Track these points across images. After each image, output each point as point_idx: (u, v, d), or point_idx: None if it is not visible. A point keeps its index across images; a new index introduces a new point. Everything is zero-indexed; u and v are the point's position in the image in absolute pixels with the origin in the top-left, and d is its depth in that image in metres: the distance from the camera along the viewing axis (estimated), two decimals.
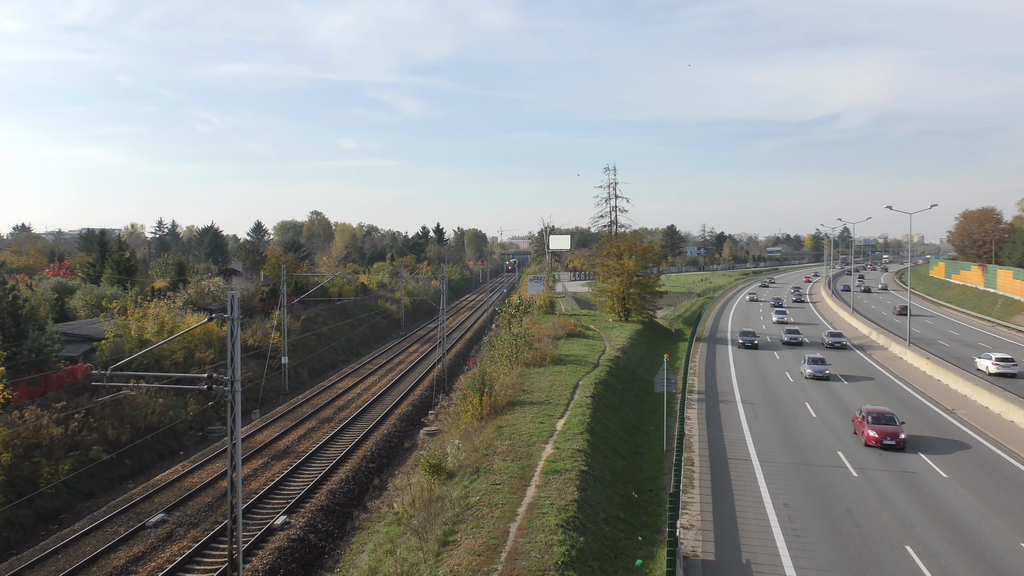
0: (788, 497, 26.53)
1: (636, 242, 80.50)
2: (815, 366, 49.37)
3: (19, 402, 35.46)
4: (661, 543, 22.10)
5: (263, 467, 35.89)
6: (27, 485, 30.85)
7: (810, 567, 20.86)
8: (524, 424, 32.79)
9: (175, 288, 67.46)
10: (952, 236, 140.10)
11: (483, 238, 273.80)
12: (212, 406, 45.33)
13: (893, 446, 32.33)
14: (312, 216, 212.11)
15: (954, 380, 45.81)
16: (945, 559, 21.47)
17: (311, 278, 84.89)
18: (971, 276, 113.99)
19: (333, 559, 26.94)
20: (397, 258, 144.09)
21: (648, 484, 28.99)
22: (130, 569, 24.83)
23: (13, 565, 25.33)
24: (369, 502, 32.36)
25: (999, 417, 38.19)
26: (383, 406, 48.81)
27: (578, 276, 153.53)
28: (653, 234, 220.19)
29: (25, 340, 40.17)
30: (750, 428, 36.48)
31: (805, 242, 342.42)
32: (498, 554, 19.65)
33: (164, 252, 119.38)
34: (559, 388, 40.14)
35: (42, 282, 69.85)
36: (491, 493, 24.30)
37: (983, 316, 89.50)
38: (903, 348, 59.06)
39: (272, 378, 55.77)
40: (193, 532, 27.89)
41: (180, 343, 49.47)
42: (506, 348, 50.07)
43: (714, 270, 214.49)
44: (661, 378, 34.49)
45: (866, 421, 33.66)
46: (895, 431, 32.76)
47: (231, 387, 20.69)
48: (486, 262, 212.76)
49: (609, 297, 74.77)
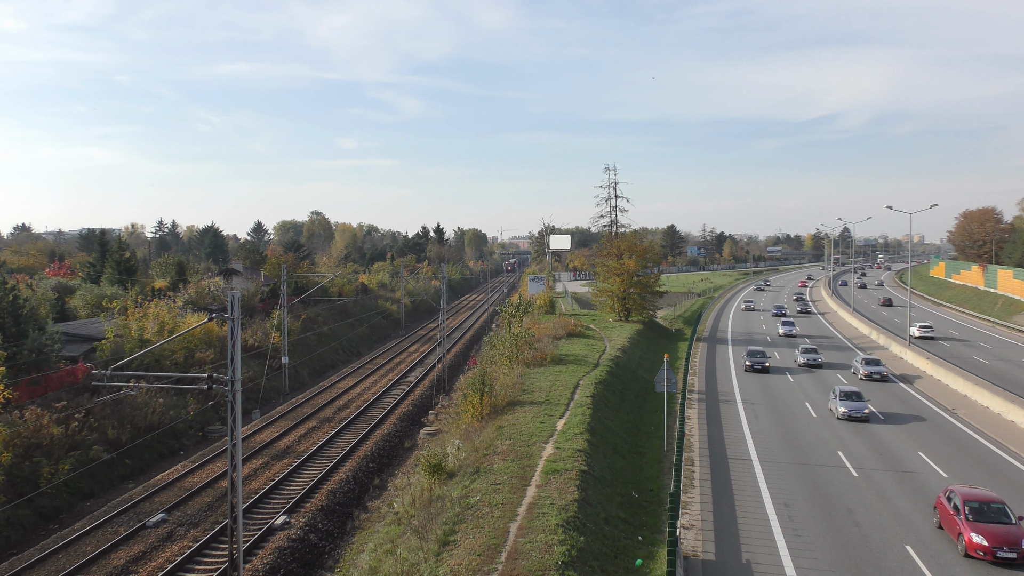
0: (788, 497, 26.54)
1: (636, 242, 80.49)
2: (850, 403, 38.24)
3: (19, 402, 35.47)
4: (661, 543, 22.10)
5: (263, 467, 35.89)
6: (27, 485, 30.86)
7: (810, 567, 20.87)
8: (524, 424, 32.79)
9: (175, 288, 67.44)
10: (952, 236, 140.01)
11: (483, 238, 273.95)
12: (212, 406, 45.33)
13: (1015, 560, 21.02)
14: (312, 216, 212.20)
15: (954, 380, 45.81)
16: (945, 559, 21.48)
17: (311, 278, 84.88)
18: (971, 276, 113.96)
19: (333, 559, 26.94)
20: (397, 258, 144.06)
21: (648, 484, 29.00)
22: (130, 569, 24.84)
23: (13, 565, 25.34)
24: (369, 502, 32.37)
25: (999, 417, 38.21)
26: (383, 406, 48.81)
27: (578, 276, 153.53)
28: (653, 234, 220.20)
29: (25, 340, 40.17)
30: (750, 428, 36.47)
31: (805, 242, 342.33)
32: (498, 554, 19.65)
33: (164, 252, 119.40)
34: (559, 388, 40.15)
35: (42, 282, 69.82)
36: (491, 493, 24.30)
37: (983, 316, 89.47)
38: (903, 348, 59.07)
39: (272, 378, 55.77)
40: (193, 532, 27.90)
41: (180, 343, 49.49)
42: (506, 348, 50.08)
43: (714, 270, 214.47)
44: (661, 378, 34.50)
45: (963, 515, 22.21)
46: (1017, 536, 21.33)
47: (231, 387, 20.69)
48: (486, 262, 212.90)
49: (609, 297, 74.78)
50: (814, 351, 56.69)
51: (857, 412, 37.76)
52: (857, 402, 38.48)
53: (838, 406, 38.46)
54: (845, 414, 37.80)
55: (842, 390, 39.70)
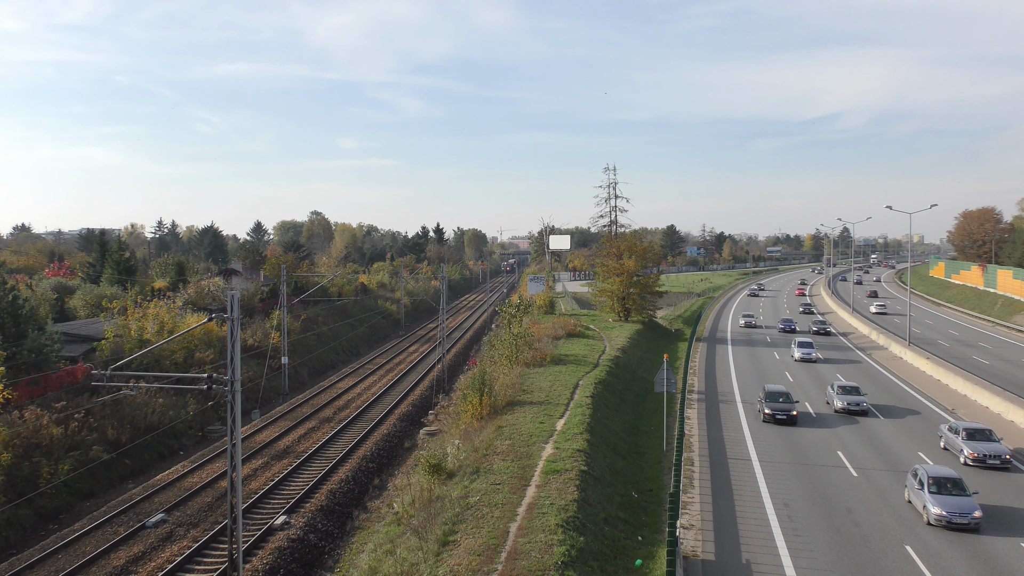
0: (788, 497, 26.55)
1: (636, 242, 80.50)
2: (944, 502, 23.81)
3: (19, 402, 35.47)
4: (661, 543, 22.10)
5: (263, 467, 35.90)
6: (27, 485, 30.85)
7: (810, 567, 20.87)
8: (524, 424, 32.80)
9: (175, 288, 67.45)
10: (952, 236, 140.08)
11: (483, 238, 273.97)
12: (212, 406, 45.31)
13: None
14: (312, 216, 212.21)
15: (954, 380, 45.85)
16: (945, 558, 21.48)
17: (311, 278, 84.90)
18: (971, 276, 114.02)
19: (333, 559, 26.94)
20: (397, 258, 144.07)
21: (648, 484, 29.02)
22: (130, 569, 24.84)
23: (13, 565, 25.33)
24: (369, 502, 32.38)
25: (999, 417, 38.26)
26: (383, 406, 48.81)
27: (578, 276, 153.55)
28: (653, 234, 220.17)
29: (25, 340, 40.17)
30: (750, 428, 36.47)
31: (805, 242, 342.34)
32: (498, 554, 19.66)
33: (164, 252, 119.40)
34: (559, 388, 40.16)
35: (42, 282, 69.79)
36: (491, 493, 24.31)
37: (983, 316, 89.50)
38: (903, 348, 59.08)
39: (272, 378, 55.77)
40: (193, 532, 27.90)
41: (180, 343, 49.48)
42: (506, 348, 50.10)
43: (714, 270, 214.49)
44: (661, 378, 34.51)
45: None
46: None
47: (231, 387, 20.70)
48: (486, 262, 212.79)
49: (609, 297, 74.81)
50: (856, 392, 40.01)
51: (962, 517, 23.30)
52: (959, 497, 23.87)
53: (930, 506, 23.79)
54: (940, 518, 23.43)
55: (931, 473, 25.01)
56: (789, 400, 38.04)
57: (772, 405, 37.56)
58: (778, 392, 38.74)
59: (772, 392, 38.78)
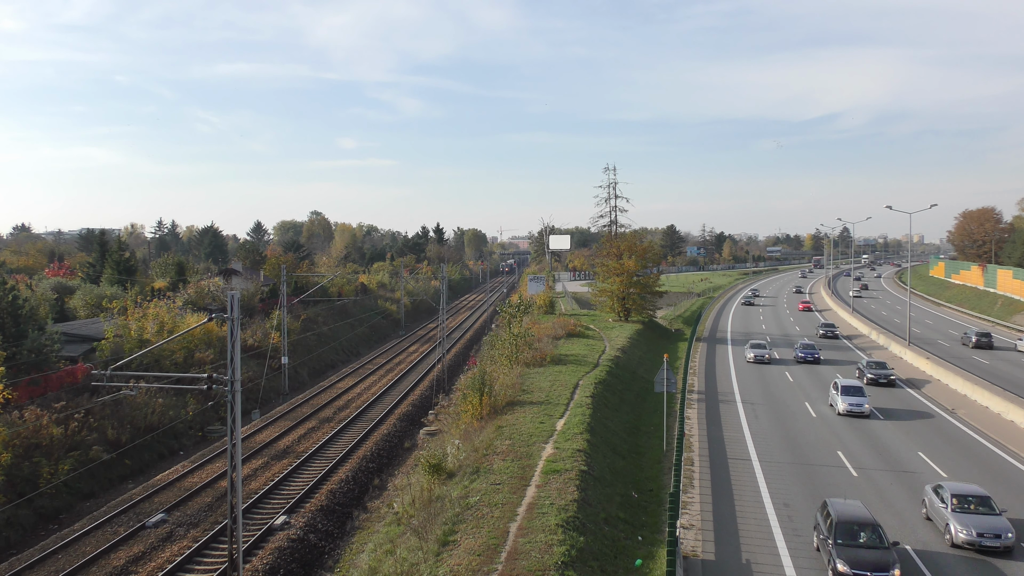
0: (788, 497, 26.54)
1: (636, 242, 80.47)
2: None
3: (19, 402, 35.46)
4: (661, 543, 22.10)
5: (263, 467, 35.89)
6: (27, 485, 30.85)
7: (810, 567, 20.86)
8: (524, 424, 32.79)
9: (175, 288, 67.43)
10: (952, 236, 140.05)
11: (483, 238, 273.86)
12: (212, 406, 45.30)
13: None
14: (312, 216, 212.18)
15: (954, 380, 45.82)
16: (945, 558, 21.46)
17: (311, 278, 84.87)
18: (971, 276, 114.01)
19: (333, 559, 26.94)
20: (397, 258, 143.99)
21: (648, 484, 29.00)
22: (130, 569, 24.83)
23: (13, 565, 25.34)
24: (369, 502, 32.37)
25: (999, 417, 38.23)
26: (383, 406, 48.80)
27: (578, 276, 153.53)
28: (653, 234, 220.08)
29: (25, 340, 40.17)
30: (750, 428, 36.46)
31: (805, 242, 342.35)
32: (498, 554, 19.65)
33: (164, 252, 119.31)
34: (559, 388, 40.15)
35: (42, 282, 69.78)
36: (491, 493, 24.31)
37: (983, 316, 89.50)
38: (903, 348, 59.06)
39: (272, 378, 55.76)
40: (193, 532, 27.90)
41: (180, 343, 49.47)
42: (506, 348, 50.09)
43: (714, 270, 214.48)
44: (661, 378, 34.49)
45: None
46: None
47: (231, 387, 20.69)
48: (486, 262, 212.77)
49: (609, 297, 74.78)
50: (987, 502, 23.15)
51: None
52: None
53: None
54: None
55: None
56: (878, 541, 20.18)
57: (849, 555, 19.48)
58: (857, 522, 20.72)
59: (845, 522, 20.68)
